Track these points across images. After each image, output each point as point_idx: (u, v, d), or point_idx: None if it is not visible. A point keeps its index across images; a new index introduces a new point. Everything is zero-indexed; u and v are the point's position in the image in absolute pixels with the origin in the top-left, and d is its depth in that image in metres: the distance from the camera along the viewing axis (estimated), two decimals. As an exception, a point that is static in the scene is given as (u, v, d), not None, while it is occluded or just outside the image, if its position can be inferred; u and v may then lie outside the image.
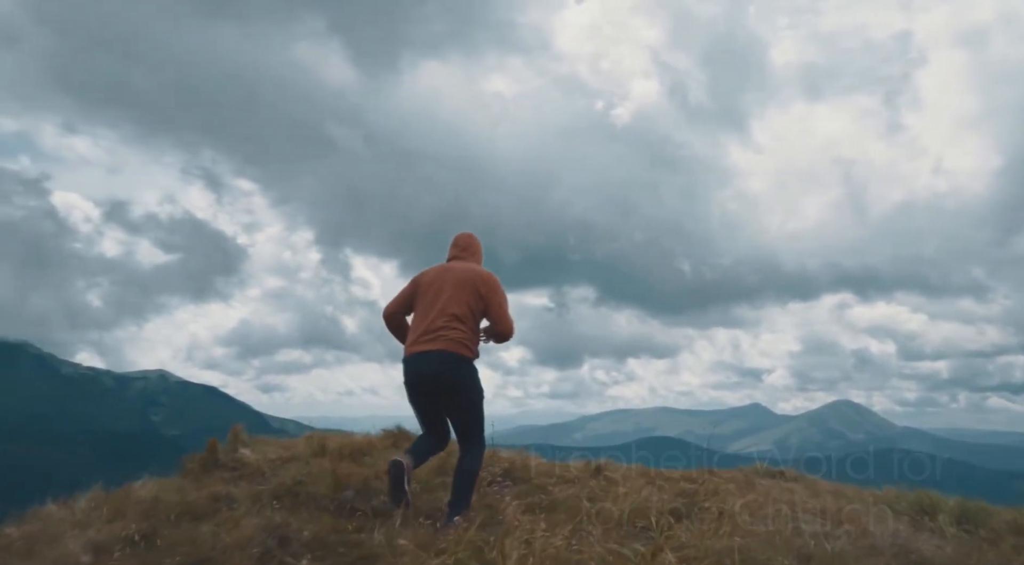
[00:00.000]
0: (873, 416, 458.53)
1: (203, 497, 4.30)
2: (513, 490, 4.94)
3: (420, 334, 4.64)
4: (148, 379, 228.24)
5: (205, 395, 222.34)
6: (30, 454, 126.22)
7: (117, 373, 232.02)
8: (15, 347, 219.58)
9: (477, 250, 5.15)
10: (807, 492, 6.98)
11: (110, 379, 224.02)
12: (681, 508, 4.78)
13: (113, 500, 4.22)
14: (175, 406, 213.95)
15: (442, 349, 4.56)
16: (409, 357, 4.64)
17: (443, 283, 4.75)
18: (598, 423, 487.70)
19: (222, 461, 5.08)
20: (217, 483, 4.71)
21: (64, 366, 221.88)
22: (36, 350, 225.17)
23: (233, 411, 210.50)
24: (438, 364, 4.54)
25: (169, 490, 4.48)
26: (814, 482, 7.91)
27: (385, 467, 4.70)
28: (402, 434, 6.27)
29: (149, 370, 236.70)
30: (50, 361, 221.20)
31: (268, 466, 5.04)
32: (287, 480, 4.67)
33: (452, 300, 4.67)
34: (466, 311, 4.67)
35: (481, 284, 4.75)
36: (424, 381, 4.59)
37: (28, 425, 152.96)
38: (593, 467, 5.89)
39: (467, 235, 5.20)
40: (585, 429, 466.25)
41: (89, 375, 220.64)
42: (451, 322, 4.62)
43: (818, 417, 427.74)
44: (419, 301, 4.81)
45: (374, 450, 5.66)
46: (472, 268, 4.88)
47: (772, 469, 8.25)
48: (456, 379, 4.57)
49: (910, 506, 6.40)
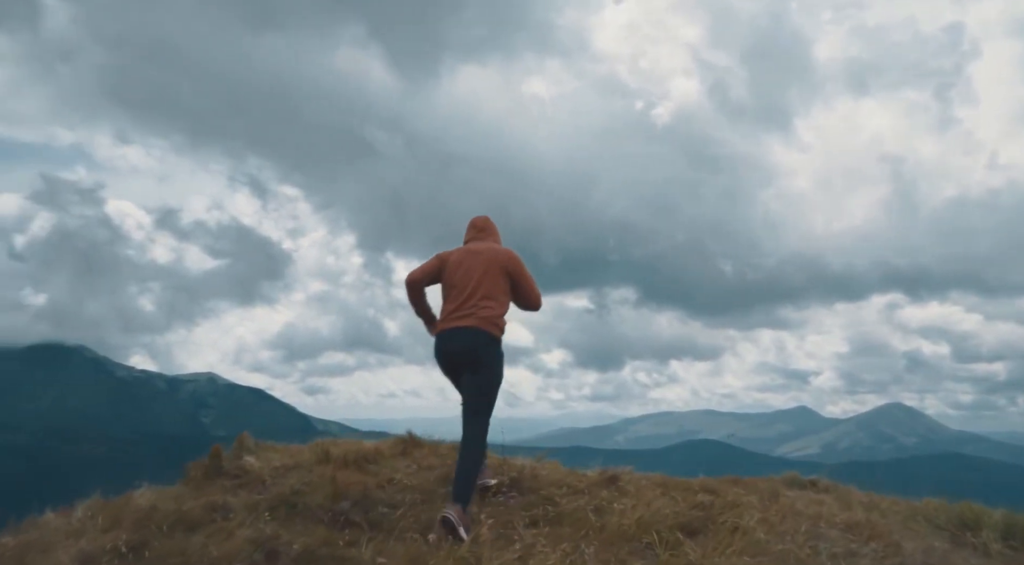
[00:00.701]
0: (926, 419, 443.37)
1: (199, 506, 4.25)
2: (519, 501, 4.76)
3: (453, 311, 4.85)
4: (198, 382, 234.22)
5: (252, 397, 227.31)
6: (88, 454, 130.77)
7: (168, 376, 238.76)
8: (72, 350, 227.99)
9: (495, 231, 5.37)
10: (838, 504, 6.62)
11: (162, 382, 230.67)
12: (694, 522, 4.53)
13: (111, 509, 4.20)
14: (224, 408, 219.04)
15: (474, 326, 4.77)
16: (442, 332, 4.86)
17: (472, 263, 4.93)
18: (640, 426, 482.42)
19: (225, 468, 5.02)
20: (217, 491, 4.64)
21: (119, 369, 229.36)
22: (92, 353, 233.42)
23: (279, 413, 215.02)
24: (469, 339, 4.75)
25: (168, 498, 4.44)
26: (847, 492, 7.51)
27: (387, 479, 5.00)
28: (412, 441, 6.14)
29: (199, 373, 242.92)
30: (105, 364, 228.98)
31: (271, 474, 4.96)
32: (286, 489, 4.59)
33: (483, 279, 4.87)
34: (496, 290, 4.89)
35: (508, 262, 4.97)
36: (454, 355, 4.83)
37: (85, 426, 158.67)
38: (607, 476, 5.66)
39: (483, 218, 5.40)
40: (627, 431, 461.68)
41: (142, 378, 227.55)
42: (483, 301, 4.83)
43: (868, 420, 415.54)
44: (447, 280, 4.98)
45: (381, 458, 5.54)
46: (497, 247, 5.09)
47: (803, 479, 7.88)
48: (483, 356, 4.77)
49: (951, 520, 6.00)
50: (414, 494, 4.72)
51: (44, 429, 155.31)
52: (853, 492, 7.65)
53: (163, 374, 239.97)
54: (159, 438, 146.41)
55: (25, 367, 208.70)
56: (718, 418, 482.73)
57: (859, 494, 7.67)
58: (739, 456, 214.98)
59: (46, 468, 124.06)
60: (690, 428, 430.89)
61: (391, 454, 5.71)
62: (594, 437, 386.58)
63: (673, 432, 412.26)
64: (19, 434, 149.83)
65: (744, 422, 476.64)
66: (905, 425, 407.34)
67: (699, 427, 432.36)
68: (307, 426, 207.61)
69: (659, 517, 4.44)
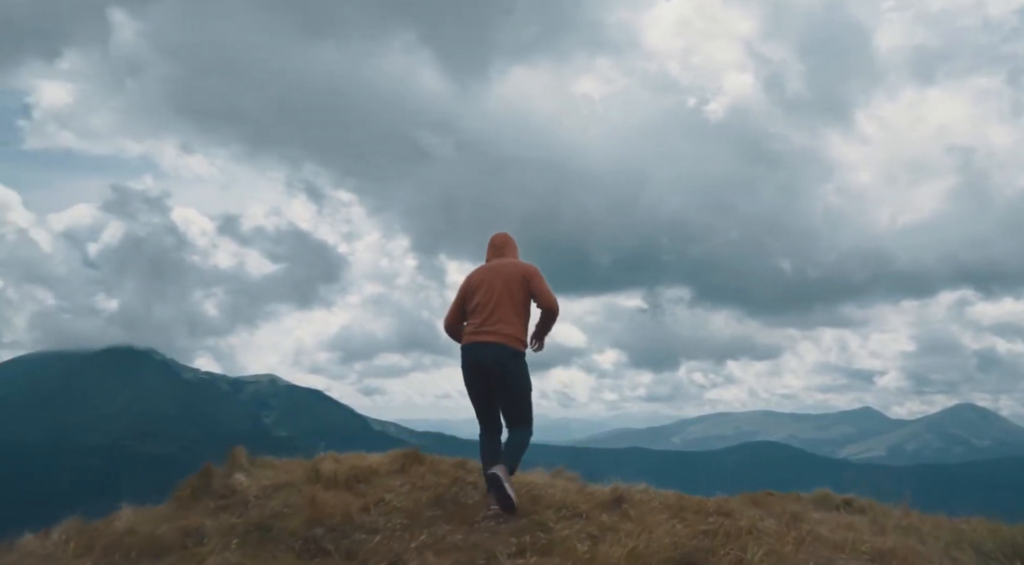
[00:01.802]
0: (1001, 421, 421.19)
1: (174, 530, 4.16)
2: (510, 526, 4.51)
3: (478, 327, 5.15)
4: (259, 383, 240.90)
5: (311, 398, 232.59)
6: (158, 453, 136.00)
7: (231, 377, 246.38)
8: (142, 354, 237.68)
9: (514, 247, 5.63)
10: (871, 528, 6.13)
11: (225, 383, 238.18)
12: (693, 554, 4.20)
13: (87, 532, 4.16)
14: (284, 408, 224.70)
15: (497, 342, 5.06)
16: (467, 345, 5.17)
17: (493, 281, 5.22)
18: (697, 427, 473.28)
19: (214, 487, 4.95)
20: (199, 513, 4.56)
21: (185, 371, 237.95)
22: (161, 356, 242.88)
23: (337, 414, 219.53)
24: (494, 354, 5.04)
25: (147, 521, 4.38)
26: (884, 513, 6.98)
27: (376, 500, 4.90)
28: (414, 456, 5.97)
29: (260, 374, 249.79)
30: (173, 366, 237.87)
31: (259, 494, 4.85)
32: (267, 512, 4.47)
33: (503, 297, 5.14)
34: (518, 306, 5.17)
35: (525, 275, 5.21)
36: (480, 368, 5.10)
37: (156, 426, 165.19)
38: (614, 497, 5.35)
39: (502, 235, 5.66)
40: (684, 433, 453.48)
41: (207, 379, 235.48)
42: (505, 317, 5.11)
43: (937, 422, 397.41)
44: (472, 299, 5.27)
45: (375, 476, 5.37)
46: (515, 263, 5.37)
47: (837, 497, 7.38)
48: (508, 371, 5.06)
49: (1001, 546, 5.48)
50: (400, 518, 4.52)
51: (119, 429, 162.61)
52: (891, 513, 7.12)
53: (226, 376, 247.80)
54: (224, 438, 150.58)
55: (100, 370, 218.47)
56: (777, 419, 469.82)
57: (897, 515, 7.14)
58: (800, 458, 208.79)
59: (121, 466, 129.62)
60: (748, 429, 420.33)
61: (387, 471, 5.54)
62: (650, 438, 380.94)
63: (731, 433, 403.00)
64: (95, 434, 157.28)
65: (805, 423, 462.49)
66: (978, 427, 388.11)
67: (758, 428, 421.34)
68: (364, 427, 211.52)
69: (655, 548, 4.14)
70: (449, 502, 4.88)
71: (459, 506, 4.82)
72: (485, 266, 5.44)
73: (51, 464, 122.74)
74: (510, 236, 5.68)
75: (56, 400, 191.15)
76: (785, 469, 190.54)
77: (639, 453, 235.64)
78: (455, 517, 4.60)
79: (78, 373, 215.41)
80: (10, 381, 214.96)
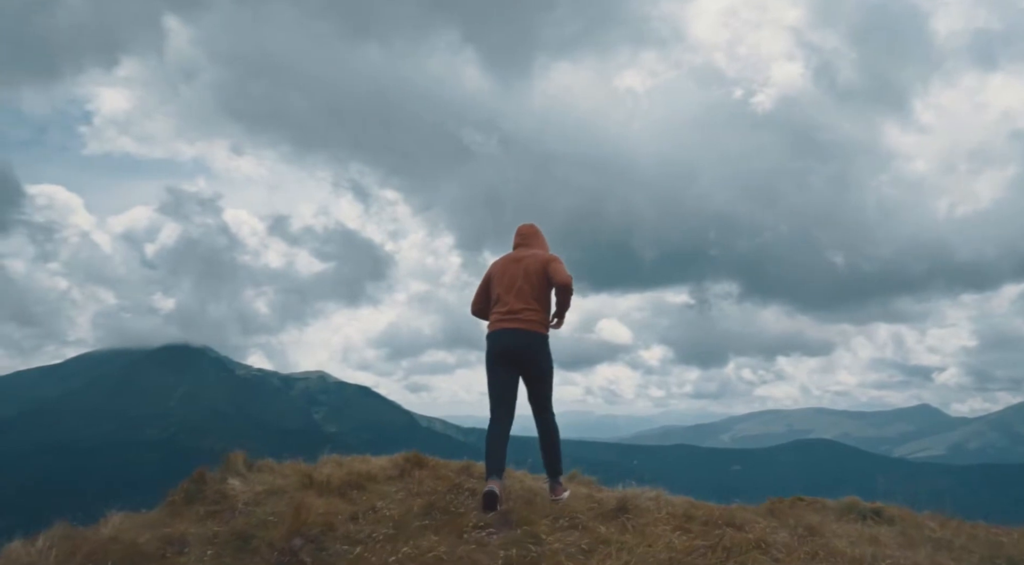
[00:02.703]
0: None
1: (156, 539, 4.13)
2: (501, 538, 4.35)
3: (503, 314, 5.41)
4: (309, 380, 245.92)
5: (360, 395, 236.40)
6: (213, 448, 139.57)
7: (283, 374, 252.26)
8: (198, 351, 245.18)
9: (541, 238, 5.83)
10: (899, 540, 5.75)
11: (277, 380, 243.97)
12: (690, 571, 3.97)
13: (71, 539, 4.15)
14: (334, 405, 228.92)
15: (523, 328, 5.34)
16: (495, 333, 5.40)
17: (516, 270, 5.48)
18: (746, 424, 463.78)
19: (207, 493, 4.92)
20: (188, 520, 4.52)
21: (238, 368, 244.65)
22: (215, 354, 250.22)
23: (385, 410, 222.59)
24: (522, 339, 5.32)
25: (134, 528, 4.36)
26: (917, 523, 6.55)
27: (368, 507, 4.82)
28: (416, 460, 5.85)
29: (310, 371, 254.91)
30: (227, 363, 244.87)
31: (251, 499, 4.80)
32: (252, 520, 4.41)
33: (526, 285, 5.41)
34: (539, 293, 5.43)
35: (545, 264, 5.45)
36: (509, 353, 5.35)
37: (211, 421, 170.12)
38: (617, 506, 5.13)
39: (529, 225, 5.87)
40: (733, 430, 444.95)
41: (259, 376, 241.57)
42: (528, 304, 5.39)
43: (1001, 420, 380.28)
44: (496, 286, 5.53)
45: (372, 482, 5.26)
46: (538, 254, 5.58)
47: (866, 505, 6.96)
48: (536, 353, 5.38)
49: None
50: (386, 527, 4.40)
51: (175, 424, 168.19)
52: (927, 522, 6.69)
53: (278, 372, 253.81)
54: (276, 433, 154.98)
55: (158, 367, 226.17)
56: (831, 416, 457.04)
57: (933, 525, 6.71)
58: (855, 457, 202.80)
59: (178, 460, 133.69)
60: (800, 427, 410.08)
61: (386, 477, 5.43)
62: (697, 435, 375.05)
63: (782, 431, 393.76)
64: (153, 429, 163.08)
65: (859, 421, 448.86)
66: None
67: (810, 426, 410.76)
68: (411, 423, 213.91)
69: (650, 564, 3.93)
70: (441, 511, 4.74)
71: (450, 515, 4.67)
72: (510, 256, 5.66)
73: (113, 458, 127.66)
74: (537, 227, 5.89)
75: (117, 396, 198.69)
76: (839, 468, 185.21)
77: (687, 450, 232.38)
78: (444, 527, 4.46)
79: (137, 370, 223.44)
80: (75, 377, 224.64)
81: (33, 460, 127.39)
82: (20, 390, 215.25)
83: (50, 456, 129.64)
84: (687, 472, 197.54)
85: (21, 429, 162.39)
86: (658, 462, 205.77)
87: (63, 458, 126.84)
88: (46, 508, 5.59)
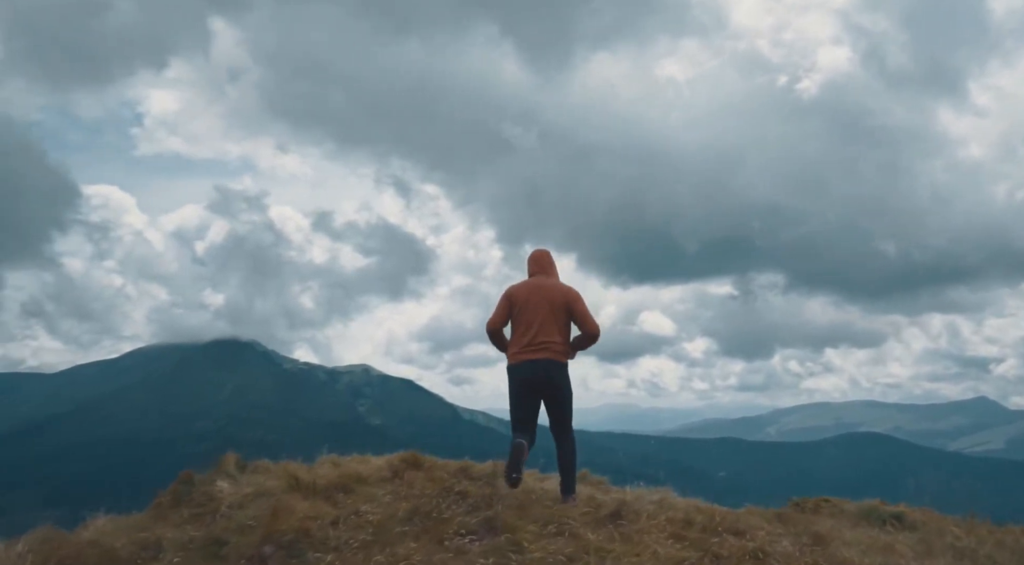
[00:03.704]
0: None
1: (131, 544, 4.14)
2: (483, 545, 4.23)
3: (527, 344, 5.63)
4: (354, 373, 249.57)
5: (404, 388, 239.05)
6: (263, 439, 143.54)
7: (328, 368, 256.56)
8: (246, 346, 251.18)
9: (554, 264, 6.07)
10: (918, 548, 5.45)
11: (322, 373, 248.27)
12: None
13: (51, 543, 4.18)
14: (378, 398, 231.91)
15: (548, 358, 5.59)
16: (523, 363, 5.63)
17: (540, 300, 5.69)
18: (793, 417, 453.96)
19: (192, 495, 4.92)
20: (169, 524, 4.52)
21: (285, 361, 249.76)
22: (262, 348, 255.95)
23: (428, 403, 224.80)
24: (545, 368, 5.58)
25: (115, 531, 4.39)
26: (942, 529, 6.21)
27: (352, 511, 4.77)
28: (413, 461, 5.78)
29: (354, 365, 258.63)
30: (274, 357, 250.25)
31: (236, 502, 4.77)
32: (232, 524, 4.39)
33: (550, 316, 5.64)
34: (560, 325, 5.69)
35: (571, 300, 5.73)
36: (535, 382, 5.60)
37: (260, 414, 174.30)
38: (609, 512, 4.96)
39: (543, 251, 6.10)
40: (779, 423, 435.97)
41: (305, 370, 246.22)
42: (552, 335, 5.63)
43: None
44: (519, 315, 5.72)
45: (362, 484, 5.19)
46: (559, 286, 5.83)
47: (887, 509, 6.63)
48: (560, 381, 5.64)
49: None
50: (365, 533, 4.32)
51: (226, 417, 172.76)
52: (952, 529, 6.35)
53: (323, 366, 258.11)
54: (322, 426, 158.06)
55: (208, 361, 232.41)
56: (882, 409, 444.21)
57: (960, 530, 6.36)
58: (907, 451, 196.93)
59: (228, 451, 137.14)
60: (849, 420, 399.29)
61: (378, 478, 5.36)
62: (743, 428, 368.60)
63: (830, 424, 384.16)
64: (206, 421, 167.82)
65: (912, 414, 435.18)
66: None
67: (860, 419, 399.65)
68: (454, 416, 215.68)
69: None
70: (425, 515, 4.64)
71: (434, 521, 4.57)
72: (530, 283, 5.86)
73: (166, 450, 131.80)
74: (550, 253, 6.13)
75: (170, 389, 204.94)
76: (891, 462, 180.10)
77: (732, 443, 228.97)
78: (426, 533, 4.36)
79: (189, 364, 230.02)
80: (131, 371, 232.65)
81: (90, 451, 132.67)
82: (78, 384, 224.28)
83: (106, 448, 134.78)
84: (733, 466, 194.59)
85: (79, 422, 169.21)
86: (702, 455, 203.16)
87: (119, 450, 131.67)
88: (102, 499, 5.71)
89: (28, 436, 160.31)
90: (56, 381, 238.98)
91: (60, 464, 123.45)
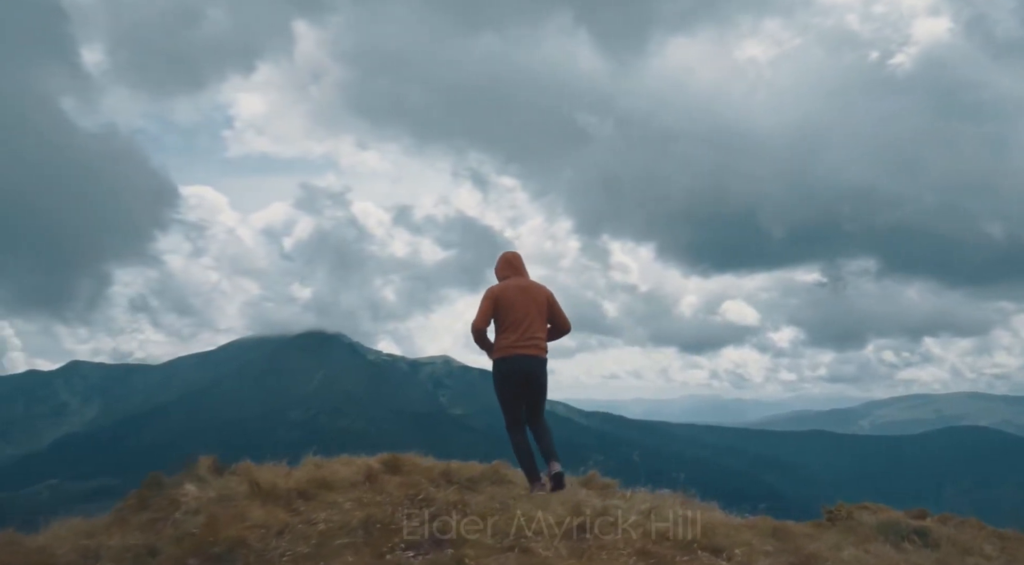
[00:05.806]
0: None
1: (73, 550, 4.18)
2: (424, 560, 4.04)
3: (518, 339, 6.13)
4: (435, 364, 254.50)
5: (483, 378, 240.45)
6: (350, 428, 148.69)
7: (410, 359, 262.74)
8: (333, 338, 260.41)
9: (525, 266, 6.57)
10: None
11: (405, 364, 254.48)
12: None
13: (13, 544, 4.28)
14: (458, 388, 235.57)
15: (538, 355, 6.21)
16: (516, 357, 6.12)
17: (528, 301, 6.21)
18: (888, 409, 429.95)
19: (157, 499, 4.93)
20: (127, 529, 4.52)
21: (369, 353, 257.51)
22: (348, 340, 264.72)
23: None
24: (536, 364, 6.19)
25: (70, 537, 4.45)
26: (972, 545, 5.56)
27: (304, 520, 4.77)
28: (392, 463, 5.64)
29: (436, 356, 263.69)
30: (359, 349, 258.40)
31: (194, 508, 4.75)
32: (179, 531, 4.36)
33: (538, 315, 6.23)
34: (543, 322, 6.32)
35: (551, 300, 6.41)
36: (527, 375, 6.16)
37: (347, 404, 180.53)
38: (578, 523, 4.66)
39: (516, 254, 6.60)
40: (872, 416, 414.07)
41: (389, 361, 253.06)
42: (539, 332, 6.24)
43: None
44: (507, 314, 6.16)
45: (326, 490, 5.05)
46: (540, 286, 6.42)
47: (908, 525, 5.97)
48: (544, 376, 6.29)
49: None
50: (306, 545, 4.19)
51: (315, 406, 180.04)
52: (984, 546, 5.69)
53: (405, 357, 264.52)
54: (406, 415, 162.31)
55: (297, 352, 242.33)
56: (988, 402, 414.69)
57: (992, 548, 5.69)
58: (1018, 446, 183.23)
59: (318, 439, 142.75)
60: (951, 413, 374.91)
61: (348, 483, 5.23)
62: (834, 421, 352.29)
63: (930, 417, 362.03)
64: (296, 410, 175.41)
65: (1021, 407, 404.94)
66: None
67: (963, 412, 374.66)
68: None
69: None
70: (374, 526, 4.46)
71: (381, 532, 4.38)
72: (514, 285, 6.29)
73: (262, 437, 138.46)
74: (520, 255, 6.59)
75: (263, 379, 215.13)
76: (998, 458, 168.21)
77: (822, 437, 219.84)
78: (367, 546, 4.20)
79: (280, 355, 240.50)
80: (226, 362, 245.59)
81: (192, 439, 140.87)
82: (181, 375, 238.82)
83: (207, 436, 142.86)
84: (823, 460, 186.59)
85: (182, 411, 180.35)
86: (790, 449, 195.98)
87: (218, 438, 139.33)
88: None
89: (138, 424, 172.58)
90: (161, 372, 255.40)
91: (174, 449, 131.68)
